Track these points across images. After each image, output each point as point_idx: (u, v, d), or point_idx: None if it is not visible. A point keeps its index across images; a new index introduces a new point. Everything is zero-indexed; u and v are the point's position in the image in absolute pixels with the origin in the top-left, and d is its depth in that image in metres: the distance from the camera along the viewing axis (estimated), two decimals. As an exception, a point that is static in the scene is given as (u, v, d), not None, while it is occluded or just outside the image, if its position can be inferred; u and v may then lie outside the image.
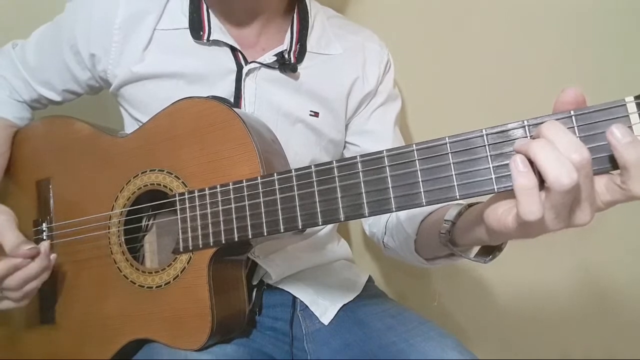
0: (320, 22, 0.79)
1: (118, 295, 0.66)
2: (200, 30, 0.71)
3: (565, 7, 0.85)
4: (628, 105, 0.40)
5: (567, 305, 0.93)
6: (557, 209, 0.40)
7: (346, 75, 0.78)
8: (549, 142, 0.39)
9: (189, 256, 0.61)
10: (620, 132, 0.38)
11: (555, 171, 0.38)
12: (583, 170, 0.38)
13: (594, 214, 0.41)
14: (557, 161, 0.38)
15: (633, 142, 0.38)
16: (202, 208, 0.60)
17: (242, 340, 0.67)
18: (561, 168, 0.38)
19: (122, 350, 0.65)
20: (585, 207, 0.41)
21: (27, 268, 0.64)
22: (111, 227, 0.68)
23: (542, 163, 0.39)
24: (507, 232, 0.43)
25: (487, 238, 0.49)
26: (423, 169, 0.47)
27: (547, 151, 0.39)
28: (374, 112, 0.81)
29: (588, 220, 0.41)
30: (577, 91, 0.42)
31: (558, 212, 0.40)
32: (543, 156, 0.39)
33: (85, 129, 0.74)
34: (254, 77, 0.72)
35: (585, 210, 0.41)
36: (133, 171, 0.67)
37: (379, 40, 0.83)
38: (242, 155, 0.59)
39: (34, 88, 0.80)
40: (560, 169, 0.38)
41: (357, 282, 0.83)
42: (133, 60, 0.72)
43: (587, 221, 0.41)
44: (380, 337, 0.70)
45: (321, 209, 0.52)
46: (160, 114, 0.66)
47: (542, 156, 0.39)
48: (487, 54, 0.93)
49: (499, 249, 0.54)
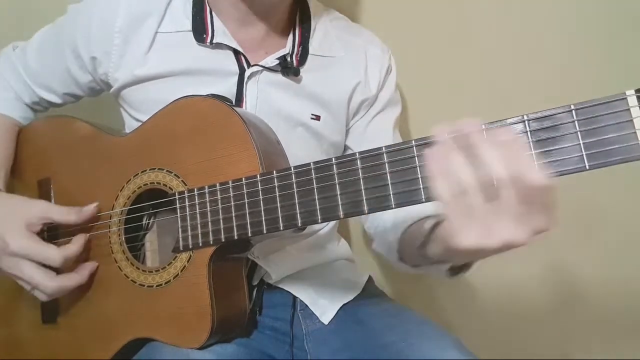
0: (323, 24, 0.79)
1: (119, 294, 0.66)
2: (204, 33, 0.71)
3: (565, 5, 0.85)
4: (629, 99, 0.40)
5: (567, 305, 0.93)
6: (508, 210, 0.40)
7: (348, 79, 0.78)
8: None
9: (189, 255, 0.61)
10: None
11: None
12: (512, 187, 0.39)
13: (531, 234, 0.41)
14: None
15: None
16: (201, 206, 0.60)
17: (242, 340, 0.67)
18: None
19: (123, 349, 0.65)
20: (520, 223, 0.41)
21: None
22: (112, 226, 0.68)
23: None
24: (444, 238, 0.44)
25: (442, 253, 0.51)
26: (422, 165, 0.47)
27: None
28: (373, 119, 0.81)
29: (525, 240, 0.41)
30: None
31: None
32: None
33: (85, 129, 0.74)
34: (255, 81, 0.72)
35: (519, 227, 0.41)
36: (133, 170, 0.67)
37: (382, 44, 0.83)
38: (242, 154, 0.59)
39: (35, 91, 0.80)
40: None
41: (357, 282, 0.83)
42: (135, 63, 0.72)
43: (523, 240, 0.41)
44: (380, 336, 0.70)
45: (320, 206, 0.52)
46: (160, 113, 0.66)
47: None
48: (487, 54, 0.93)
49: (465, 269, 0.56)
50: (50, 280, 0.65)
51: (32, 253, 0.64)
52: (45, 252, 0.64)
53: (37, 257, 0.64)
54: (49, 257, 0.64)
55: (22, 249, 0.64)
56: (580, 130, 0.41)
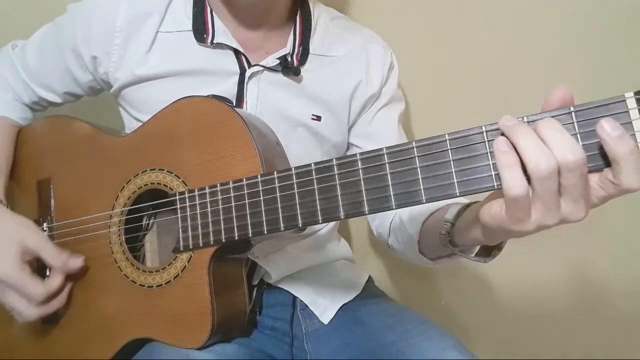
0: (324, 23, 0.79)
1: (119, 294, 0.66)
2: (204, 33, 0.71)
3: (565, 5, 0.85)
4: (628, 101, 0.40)
5: (568, 305, 0.93)
6: (543, 198, 0.41)
7: (349, 78, 0.78)
8: (531, 131, 0.41)
9: (190, 255, 0.61)
10: (610, 125, 0.39)
11: (535, 157, 0.40)
12: (578, 170, 0.39)
13: (589, 210, 0.42)
14: (537, 148, 0.40)
15: (622, 135, 0.39)
16: (202, 207, 0.60)
17: (242, 340, 0.67)
18: (540, 155, 0.39)
19: (123, 350, 0.65)
20: (580, 203, 0.41)
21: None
22: (112, 227, 0.68)
23: (522, 149, 0.40)
24: (501, 225, 0.44)
25: (483, 238, 0.50)
26: (423, 166, 0.47)
27: (528, 138, 0.40)
28: (377, 114, 0.81)
29: (582, 217, 0.42)
30: (565, 91, 0.43)
31: (545, 203, 0.41)
32: (524, 142, 0.40)
33: (85, 129, 0.74)
34: (256, 81, 0.72)
35: (580, 207, 0.42)
36: (133, 170, 0.67)
37: (383, 42, 0.83)
38: (242, 154, 0.59)
39: (34, 90, 0.80)
40: (540, 156, 0.39)
41: (357, 282, 0.83)
42: (135, 63, 0.72)
43: (582, 217, 0.42)
44: (380, 336, 0.70)
45: (321, 207, 0.52)
46: (160, 113, 0.66)
47: (522, 142, 0.40)
48: (488, 54, 0.93)
49: (499, 248, 0.54)
50: (31, 309, 0.65)
51: (18, 285, 0.64)
52: (31, 289, 0.64)
53: (22, 291, 0.65)
54: (31, 294, 0.64)
55: (9, 279, 0.64)
56: (580, 132, 0.41)
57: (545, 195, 0.41)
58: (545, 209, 0.41)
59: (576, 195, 0.41)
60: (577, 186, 0.40)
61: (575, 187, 0.40)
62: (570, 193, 0.41)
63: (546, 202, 0.41)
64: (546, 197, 0.41)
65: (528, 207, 0.42)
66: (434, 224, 0.62)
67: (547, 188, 0.40)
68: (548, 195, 0.41)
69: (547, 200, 0.41)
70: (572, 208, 0.41)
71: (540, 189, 0.40)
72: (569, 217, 0.42)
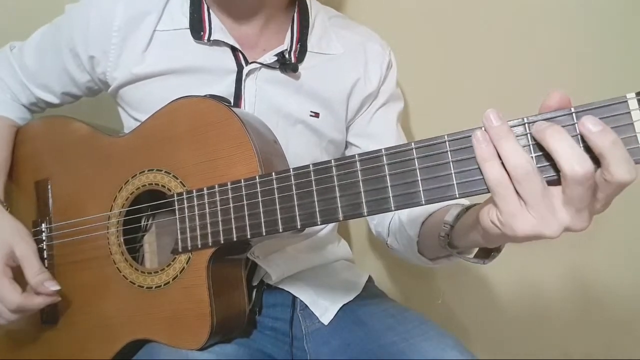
0: (321, 21, 0.78)
1: (117, 295, 0.66)
2: (201, 31, 0.71)
3: (566, 6, 0.84)
4: (629, 102, 0.40)
5: (568, 305, 0.93)
6: (574, 202, 0.40)
7: (347, 76, 0.77)
8: (562, 130, 0.40)
9: (188, 256, 0.61)
10: (591, 122, 0.39)
11: (569, 158, 0.39)
12: (587, 183, 0.39)
13: (592, 219, 0.42)
14: (570, 148, 0.39)
15: (603, 130, 0.39)
16: (200, 208, 0.60)
17: (242, 340, 0.67)
18: (573, 156, 0.39)
19: (122, 351, 0.65)
20: (585, 214, 0.41)
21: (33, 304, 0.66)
22: (110, 228, 0.68)
23: (555, 149, 0.40)
24: (500, 228, 0.44)
25: (482, 241, 0.50)
26: (422, 168, 0.46)
27: (560, 138, 0.40)
28: (375, 113, 0.80)
29: (586, 226, 0.42)
30: (562, 95, 0.42)
31: (576, 205, 0.41)
32: (558, 144, 0.40)
33: (83, 129, 0.74)
34: (254, 78, 0.72)
35: (584, 217, 0.42)
36: (131, 171, 0.67)
37: (381, 40, 0.82)
38: (240, 155, 0.59)
39: (32, 91, 0.80)
40: (572, 158, 0.39)
41: (357, 282, 0.83)
42: (133, 62, 0.72)
43: (585, 227, 0.42)
44: (380, 336, 0.70)
45: (320, 208, 0.51)
46: (158, 113, 0.66)
47: (556, 144, 0.40)
48: (488, 54, 0.92)
49: (498, 249, 0.54)
50: (6, 313, 0.66)
51: None
52: (6, 293, 0.65)
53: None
54: (6, 299, 0.65)
55: None
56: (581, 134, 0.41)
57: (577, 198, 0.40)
58: (576, 210, 0.41)
59: (582, 206, 0.41)
60: (584, 197, 0.40)
61: (581, 200, 0.40)
62: (574, 204, 0.41)
63: (577, 204, 0.41)
64: (577, 200, 0.40)
65: (517, 199, 0.42)
66: (433, 226, 0.62)
67: (581, 192, 0.40)
68: (579, 199, 0.40)
69: (578, 202, 0.41)
70: (574, 218, 0.41)
71: (575, 193, 0.40)
72: (572, 227, 0.42)
